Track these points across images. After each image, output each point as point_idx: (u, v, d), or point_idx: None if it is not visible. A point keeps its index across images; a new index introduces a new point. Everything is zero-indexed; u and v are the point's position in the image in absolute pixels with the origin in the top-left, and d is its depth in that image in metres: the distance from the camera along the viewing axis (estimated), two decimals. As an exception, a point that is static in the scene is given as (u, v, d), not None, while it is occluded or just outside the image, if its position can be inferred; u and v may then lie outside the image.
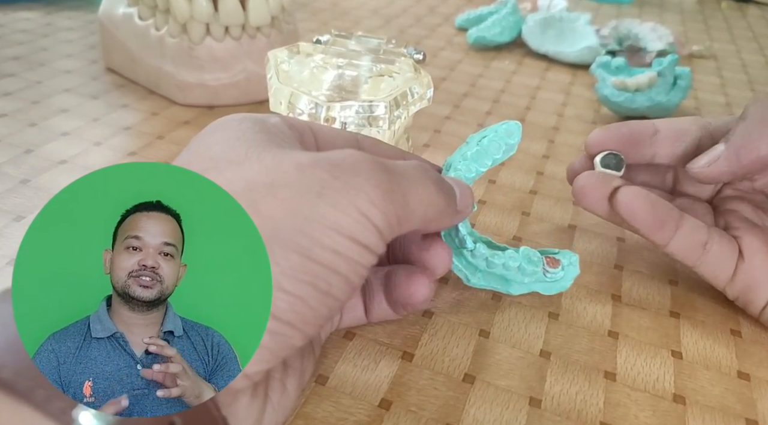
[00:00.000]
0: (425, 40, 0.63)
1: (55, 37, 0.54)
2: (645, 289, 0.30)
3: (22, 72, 0.47)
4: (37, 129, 0.39)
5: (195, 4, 0.40)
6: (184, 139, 0.40)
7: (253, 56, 0.43)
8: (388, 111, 0.27)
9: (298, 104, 0.27)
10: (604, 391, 0.24)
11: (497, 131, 0.26)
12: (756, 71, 0.62)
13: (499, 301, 0.28)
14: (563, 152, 0.42)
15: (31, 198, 0.32)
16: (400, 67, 0.30)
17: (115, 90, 0.45)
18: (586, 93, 0.53)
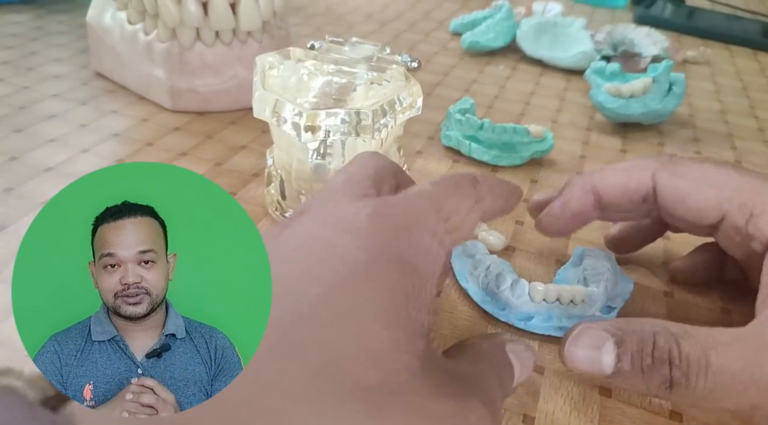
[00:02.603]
0: (419, 45, 0.62)
1: (45, 41, 0.53)
2: (640, 300, 0.29)
3: (9, 77, 0.46)
4: (24, 135, 0.38)
5: (184, 9, 0.39)
6: (173, 145, 0.39)
7: (244, 62, 0.43)
8: (373, 120, 0.26)
9: (282, 112, 0.26)
10: (599, 408, 0.23)
11: None
12: (750, 77, 0.62)
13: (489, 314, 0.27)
14: (557, 158, 0.42)
15: (15, 207, 0.31)
16: (391, 74, 0.29)
17: (104, 95, 0.45)
18: (581, 99, 0.53)
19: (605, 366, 0.20)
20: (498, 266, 0.28)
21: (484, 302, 0.27)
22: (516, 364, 0.20)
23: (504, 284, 0.27)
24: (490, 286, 0.27)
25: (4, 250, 0.29)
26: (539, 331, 0.26)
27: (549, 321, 0.26)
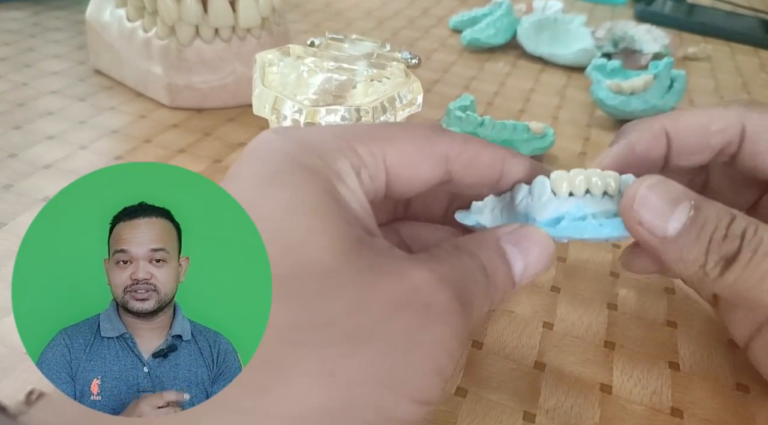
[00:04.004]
0: (419, 41, 0.62)
1: (43, 38, 0.53)
2: (641, 298, 0.29)
3: (7, 73, 0.46)
4: (22, 132, 0.38)
5: (183, 6, 0.39)
6: (171, 142, 0.39)
7: (242, 58, 0.42)
8: (373, 117, 0.26)
9: (282, 109, 0.26)
10: (599, 404, 0.23)
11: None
12: (751, 74, 0.62)
13: (491, 311, 0.27)
14: (557, 155, 0.42)
15: (13, 204, 0.31)
16: (391, 71, 0.29)
17: (102, 92, 0.45)
18: (581, 95, 0.52)
19: (671, 224, 0.18)
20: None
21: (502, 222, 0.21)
22: (514, 255, 0.18)
23: (521, 194, 0.20)
24: (506, 207, 0.21)
25: (2, 247, 0.28)
26: (572, 235, 0.20)
27: (582, 220, 0.20)
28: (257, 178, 0.16)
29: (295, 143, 0.17)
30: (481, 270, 0.17)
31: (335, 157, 0.17)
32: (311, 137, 0.18)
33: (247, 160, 0.17)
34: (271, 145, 0.17)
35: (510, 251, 0.18)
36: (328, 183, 0.16)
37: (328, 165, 0.17)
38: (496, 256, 0.18)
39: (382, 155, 0.18)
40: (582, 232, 0.19)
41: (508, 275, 0.18)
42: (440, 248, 0.17)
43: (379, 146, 0.18)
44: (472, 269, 0.17)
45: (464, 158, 0.19)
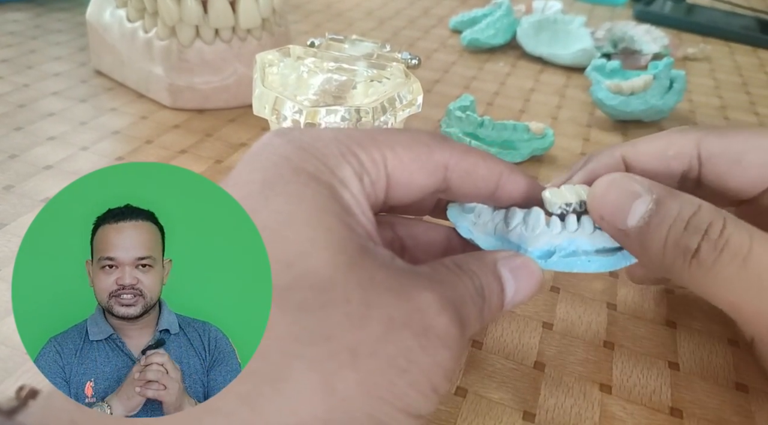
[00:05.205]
0: (419, 42, 0.62)
1: (44, 39, 0.53)
2: (640, 297, 0.29)
3: (9, 75, 0.46)
4: (23, 133, 0.38)
5: (184, 7, 0.39)
6: (173, 143, 0.39)
7: (243, 59, 0.42)
8: (373, 117, 0.26)
9: (282, 109, 0.26)
10: (599, 404, 0.23)
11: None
12: (750, 73, 0.62)
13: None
14: (557, 155, 0.42)
15: (14, 205, 0.31)
16: (391, 72, 0.29)
17: (103, 93, 0.45)
18: (581, 96, 0.53)
19: (632, 216, 0.19)
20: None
21: (495, 248, 0.22)
22: (508, 280, 0.18)
23: (515, 220, 0.21)
24: (499, 228, 0.22)
25: (4, 248, 0.29)
26: (562, 269, 0.21)
27: (574, 255, 0.21)
28: (259, 184, 0.16)
29: (297, 148, 0.17)
30: (480, 291, 0.17)
31: (338, 163, 0.17)
32: (314, 142, 0.18)
33: (248, 165, 0.17)
34: (273, 149, 0.17)
35: (505, 276, 0.18)
36: (332, 190, 0.16)
37: (332, 171, 0.17)
38: (493, 278, 0.18)
39: (383, 162, 0.18)
40: (571, 266, 0.21)
41: (501, 298, 0.18)
42: (442, 265, 0.18)
43: (381, 152, 0.18)
44: (471, 290, 0.17)
45: (462, 167, 0.19)
